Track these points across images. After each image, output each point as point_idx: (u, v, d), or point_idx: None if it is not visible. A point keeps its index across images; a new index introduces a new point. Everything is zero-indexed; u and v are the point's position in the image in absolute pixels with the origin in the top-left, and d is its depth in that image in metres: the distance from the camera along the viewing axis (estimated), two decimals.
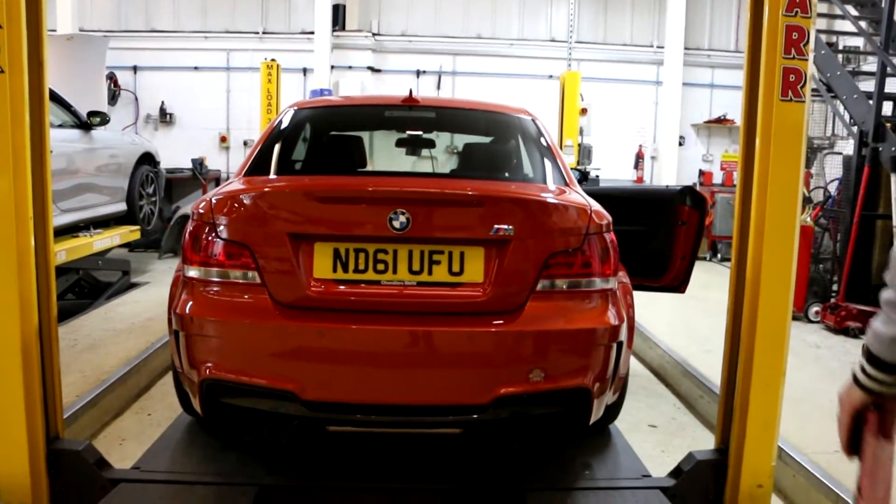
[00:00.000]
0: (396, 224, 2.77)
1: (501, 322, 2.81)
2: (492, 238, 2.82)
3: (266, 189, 3.09)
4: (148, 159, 8.20)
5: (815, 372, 5.18)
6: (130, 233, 7.63)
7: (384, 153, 5.64)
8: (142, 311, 6.46)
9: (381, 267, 2.83)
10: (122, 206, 7.63)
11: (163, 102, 12.95)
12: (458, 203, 2.88)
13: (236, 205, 2.94)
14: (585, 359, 2.89)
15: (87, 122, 6.92)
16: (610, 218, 3.11)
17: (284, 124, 3.73)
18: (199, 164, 11.94)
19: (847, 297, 6.67)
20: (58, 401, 3.20)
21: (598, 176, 10.33)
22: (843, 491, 3.18)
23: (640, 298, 5.27)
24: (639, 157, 13.19)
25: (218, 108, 13.01)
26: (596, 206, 3.09)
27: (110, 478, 3.09)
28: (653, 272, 4.39)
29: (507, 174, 3.63)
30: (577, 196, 3.15)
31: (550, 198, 3.06)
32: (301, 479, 3.16)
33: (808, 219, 6.98)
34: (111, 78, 12.29)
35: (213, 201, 2.96)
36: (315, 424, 2.91)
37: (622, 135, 13.25)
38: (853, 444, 1.74)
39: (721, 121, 13.49)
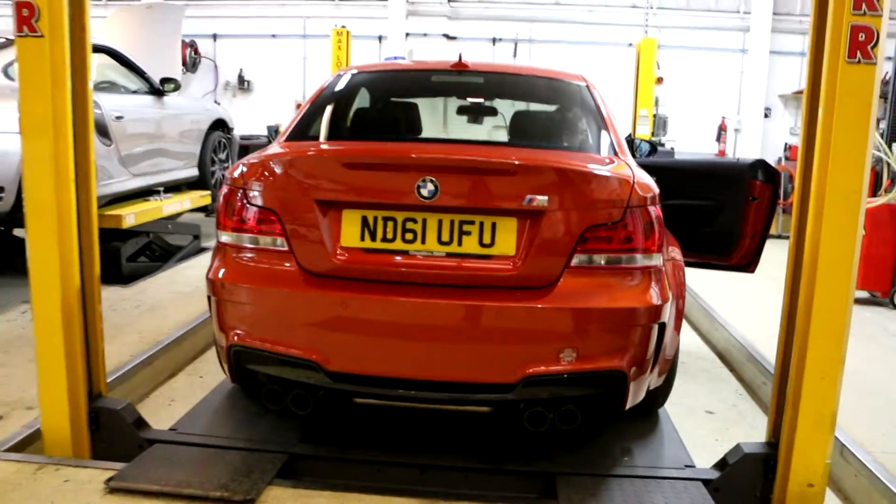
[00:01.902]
0: (424, 192, 2.67)
1: (532, 298, 2.69)
2: (525, 209, 2.70)
3: (294, 155, 3.04)
4: (221, 125, 8.33)
5: (894, 363, 4.85)
6: (201, 198, 7.75)
7: (452, 122, 5.54)
8: None
9: (409, 236, 2.75)
10: (194, 172, 7.77)
11: (241, 70, 13.16)
12: (489, 171, 2.76)
13: (266, 171, 2.90)
14: (622, 340, 2.75)
15: (160, 89, 7.06)
16: (657, 191, 2.93)
17: (330, 90, 3.68)
18: (274, 130, 12.09)
19: None
20: (100, 360, 3.28)
21: (672, 148, 9.96)
22: None
23: (712, 278, 5.07)
24: (721, 130, 12.67)
25: (294, 75, 13.13)
26: (642, 177, 2.91)
27: (147, 437, 3.17)
28: (720, 250, 4.18)
29: (553, 142, 3.48)
30: (623, 167, 2.98)
31: (590, 167, 2.90)
32: (330, 448, 3.14)
33: None
34: (192, 46, 12.55)
35: (245, 167, 2.93)
36: (340, 396, 2.87)
37: (704, 106, 12.75)
38: None
39: None
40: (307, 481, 2.88)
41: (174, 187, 7.48)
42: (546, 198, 2.69)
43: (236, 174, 2.95)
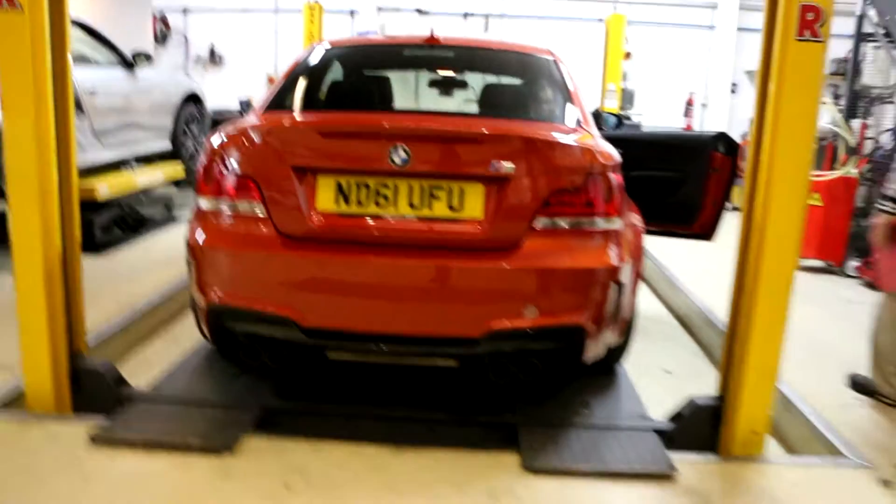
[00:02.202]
0: (396, 159, 2.82)
1: (497, 258, 2.85)
2: (491, 175, 2.85)
3: (271, 124, 3.16)
4: (193, 99, 8.36)
5: (844, 326, 5.09)
6: (174, 170, 7.80)
7: (423, 96, 5.65)
8: (180, 244, 6.55)
9: (381, 201, 2.89)
10: (167, 144, 7.82)
11: (212, 44, 13.10)
12: (458, 140, 2.91)
13: (244, 139, 3.03)
14: (582, 297, 2.92)
15: (131, 62, 7.08)
16: (617, 159, 3.10)
17: (304, 63, 3.79)
18: (246, 104, 12.09)
19: None
20: (81, 321, 3.40)
21: (639, 122, 10.14)
22: (839, 442, 3.17)
23: (674, 247, 5.25)
24: (688, 105, 12.88)
25: (266, 49, 13.12)
26: (604, 147, 3.08)
27: (127, 395, 3.30)
28: (682, 219, 4.36)
29: (520, 114, 3.62)
30: (586, 136, 3.14)
31: (553, 136, 3.05)
32: (304, 403, 3.30)
33: (854, 170, 6.76)
34: (162, 19, 12.47)
35: (223, 136, 3.05)
36: (314, 351, 3.02)
37: (672, 81, 12.94)
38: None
39: None
40: (282, 433, 3.03)
41: (147, 159, 7.53)
42: (511, 165, 2.84)
43: (215, 142, 3.07)
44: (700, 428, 3.18)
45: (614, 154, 3.09)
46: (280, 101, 3.49)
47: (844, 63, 7.75)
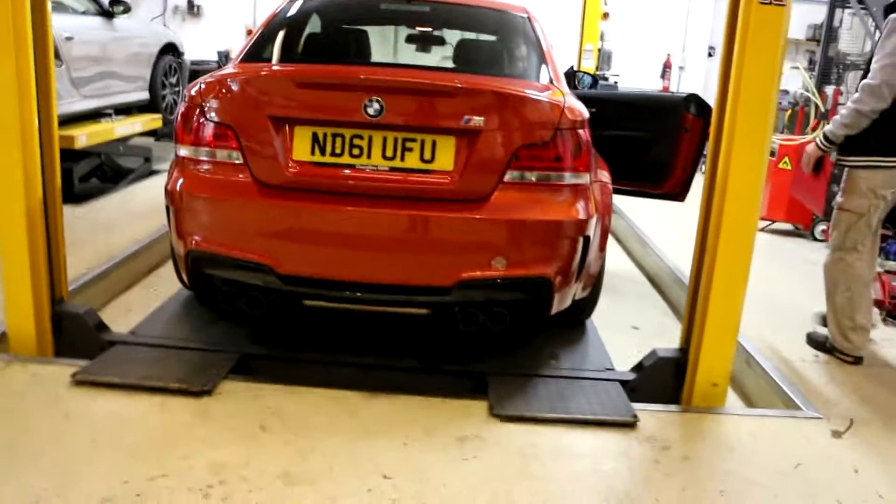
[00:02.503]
0: (370, 111, 2.88)
1: (467, 209, 2.95)
2: (462, 128, 2.93)
3: (250, 74, 3.21)
4: (171, 49, 8.28)
5: (807, 287, 5.22)
6: (152, 121, 7.77)
7: (403, 51, 5.67)
8: (159, 196, 6.51)
9: (356, 151, 2.96)
10: (145, 95, 7.77)
11: None
12: (430, 93, 2.98)
13: (223, 89, 3.07)
14: (549, 250, 3.03)
15: (109, 11, 7.01)
16: (586, 116, 3.18)
17: (282, 15, 3.82)
18: (224, 56, 11.94)
19: None
20: (62, 268, 3.46)
21: (616, 82, 10.20)
22: (796, 395, 3.32)
23: (648, 208, 5.36)
24: (666, 67, 12.94)
25: (245, 1, 12.93)
26: (573, 103, 3.15)
27: (108, 339, 3.38)
28: (653, 179, 4.44)
29: (493, 69, 3.68)
30: (556, 93, 3.22)
31: (523, 92, 3.12)
32: (281, 350, 3.39)
33: None
34: None
35: (202, 85, 3.10)
36: (291, 298, 3.11)
37: (650, 43, 12.94)
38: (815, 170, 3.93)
39: None
40: (259, 377, 3.14)
41: (125, 110, 7.49)
42: (482, 118, 2.92)
43: (194, 91, 3.11)
44: (662, 379, 3.32)
45: (583, 111, 3.17)
46: (257, 52, 3.52)
47: (819, 29, 7.82)
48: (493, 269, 2.95)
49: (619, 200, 7.23)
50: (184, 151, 3.12)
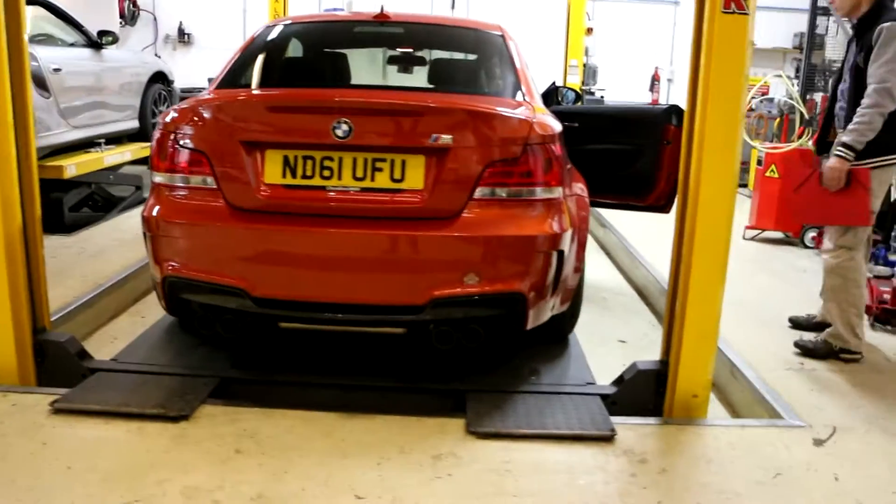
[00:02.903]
0: (339, 132, 2.91)
1: (438, 227, 2.96)
2: (431, 146, 2.95)
3: (220, 100, 3.24)
4: (161, 78, 8.36)
5: (795, 294, 5.24)
6: (142, 149, 7.82)
7: (378, 72, 5.70)
8: None
9: (326, 173, 2.99)
10: (135, 124, 7.82)
11: (181, 22, 13.02)
12: (398, 113, 3.01)
13: (195, 115, 3.11)
14: (522, 265, 3.03)
15: (97, 42, 7.09)
16: (557, 130, 3.20)
17: (258, 41, 3.86)
18: None
19: None
20: (43, 296, 3.47)
21: (602, 97, 10.23)
22: (779, 404, 3.31)
23: (637, 221, 5.35)
24: (654, 80, 12.99)
25: (235, 27, 13.02)
26: (543, 119, 3.17)
27: (89, 367, 3.39)
28: (637, 192, 4.46)
29: (465, 87, 3.72)
30: (525, 109, 3.23)
31: (491, 109, 3.14)
32: (259, 373, 3.40)
33: (810, 143, 6.89)
34: None
35: (175, 112, 3.13)
36: (266, 320, 3.12)
37: (638, 56, 12.99)
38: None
39: None
40: (237, 400, 3.14)
41: (115, 139, 7.55)
42: (450, 136, 2.94)
43: (168, 119, 3.16)
44: (643, 392, 3.30)
45: (554, 126, 3.19)
46: (233, 78, 3.56)
47: (802, 38, 7.86)
48: (465, 286, 2.96)
49: (608, 213, 7.30)
50: (159, 178, 3.16)
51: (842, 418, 3.24)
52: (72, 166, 6.34)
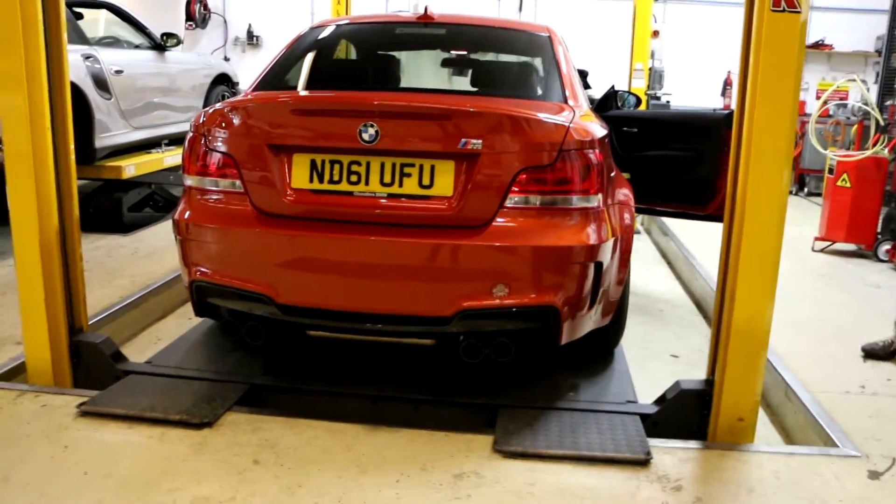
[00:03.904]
0: (366, 136, 2.82)
1: (467, 236, 2.85)
2: (461, 152, 2.84)
3: (249, 103, 3.19)
4: (225, 80, 8.46)
5: (863, 311, 4.94)
6: None
7: (426, 75, 5.63)
8: None
9: (354, 178, 2.91)
10: None
11: (250, 25, 13.17)
12: (426, 116, 2.90)
13: (223, 118, 3.07)
14: (555, 277, 2.89)
15: (161, 44, 7.21)
16: (597, 136, 3.05)
17: (299, 43, 3.82)
18: None
19: None
20: (81, 297, 3.48)
21: (668, 101, 9.93)
22: (833, 430, 3.09)
23: (700, 229, 5.14)
24: (727, 84, 12.56)
25: (302, 29, 13.12)
26: (582, 123, 3.03)
27: (123, 369, 3.39)
28: (698, 200, 4.29)
29: (505, 90, 3.58)
30: (564, 112, 3.09)
31: (522, 113, 3.00)
32: (290, 380, 3.34)
33: (885, 151, 6.53)
34: (201, 1, 12.61)
35: (206, 115, 3.10)
36: (293, 328, 3.06)
37: (709, 60, 12.57)
38: None
39: (818, 46, 12.32)
40: (263, 408, 3.09)
41: (177, 140, 7.66)
42: (480, 141, 2.82)
43: (199, 121, 3.12)
44: (686, 413, 3.12)
45: (594, 130, 3.04)
46: (271, 80, 3.52)
47: (879, 41, 7.45)
48: (495, 298, 2.83)
49: (670, 221, 7.06)
50: (190, 181, 3.13)
51: None
52: (131, 166, 6.44)
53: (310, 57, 3.81)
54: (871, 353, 4.02)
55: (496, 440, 2.82)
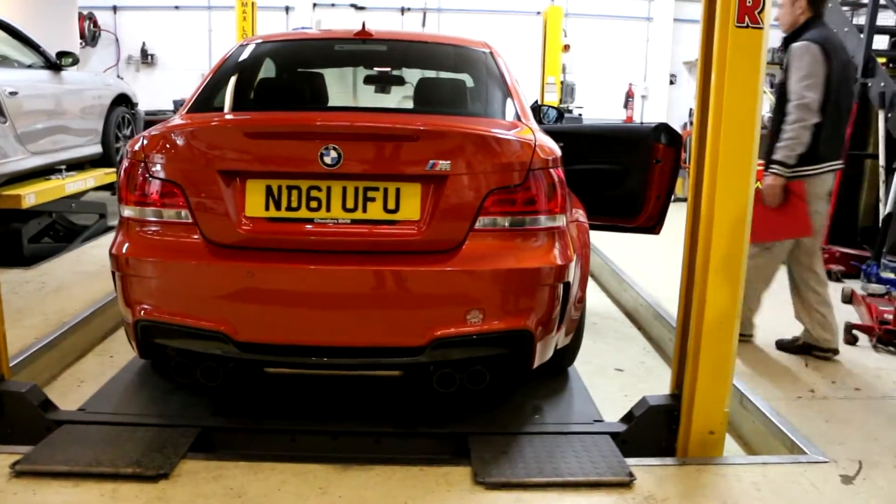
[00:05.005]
0: (327, 160, 2.68)
1: (437, 261, 2.74)
2: (428, 174, 2.73)
3: (196, 126, 2.99)
4: (124, 100, 8.05)
5: (786, 313, 5.07)
6: (106, 175, 7.50)
7: (362, 93, 5.50)
8: None
9: (314, 205, 2.75)
10: (98, 149, 7.50)
11: (144, 43, 12.71)
12: (391, 138, 2.78)
13: (167, 142, 2.86)
14: (528, 299, 2.82)
15: (56, 63, 6.76)
16: (558, 153, 3.00)
17: (232, 60, 3.62)
18: (180, 105, 11.70)
19: (831, 240, 6.52)
20: (1, 344, 3.17)
21: (580, 114, 10.13)
22: (798, 438, 3.12)
23: (623, 241, 5.19)
24: (628, 97, 12.96)
25: (200, 48, 12.75)
26: (544, 141, 2.98)
27: (54, 419, 3.09)
28: (626, 213, 4.29)
29: (456, 109, 3.50)
30: (525, 131, 3.03)
31: (491, 132, 2.93)
32: (243, 420, 3.13)
33: None
34: (90, 18, 12.04)
35: (146, 139, 2.89)
36: (251, 366, 2.87)
37: (611, 73, 13.00)
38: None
39: None
40: (221, 453, 2.88)
41: (77, 165, 7.22)
42: (448, 163, 2.73)
43: (137, 147, 2.90)
44: (655, 429, 3.10)
45: (555, 148, 2.99)
46: (205, 100, 3.32)
47: (781, 53, 7.77)
48: (468, 325, 2.73)
49: (591, 235, 7.11)
50: (128, 212, 2.89)
51: (865, 451, 3.06)
52: (31, 195, 6.00)
53: (245, 76, 3.62)
54: (782, 346, 4.34)
55: (476, 471, 2.71)
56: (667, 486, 2.72)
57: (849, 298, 5.32)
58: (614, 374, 4.40)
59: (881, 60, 6.68)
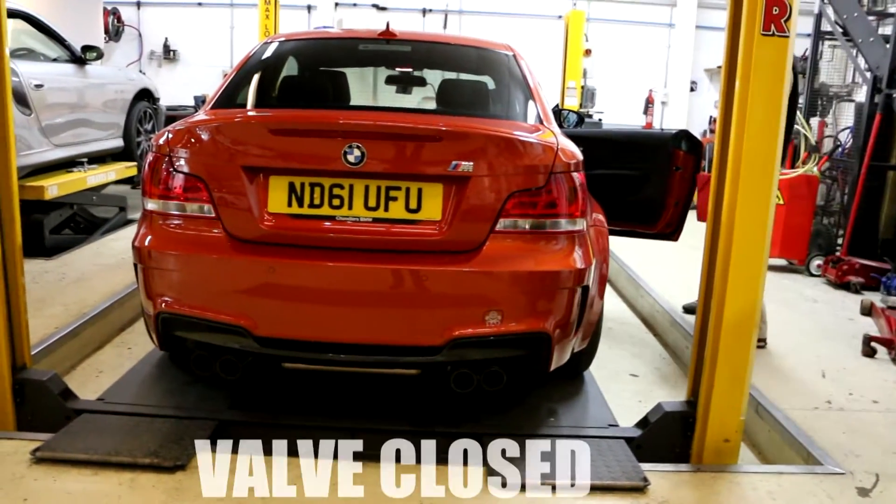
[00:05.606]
0: (351, 158, 2.69)
1: (457, 262, 2.75)
2: (450, 174, 2.74)
3: (221, 121, 3.02)
4: (146, 95, 8.12)
5: (807, 327, 5.07)
6: (127, 169, 7.57)
7: (382, 93, 5.51)
8: None
9: (336, 202, 2.77)
10: (119, 143, 7.57)
11: (166, 39, 12.81)
12: (415, 138, 2.80)
13: (192, 138, 2.89)
14: (546, 302, 2.83)
15: (81, 57, 6.83)
16: (580, 157, 3.00)
17: (256, 58, 3.64)
18: (201, 101, 11.80)
19: (850, 251, 6.48)
20: (24, 332, 3.21)
21: (600, 119, 10.11)
22: (814, 448, 3.11)
23: (639, 247, 5.19)
24: (648, 103, 12.93)
25: (222, 45, 12.83)
26: (566, 145, 2.98)
27: (74, 408, 3.13)
28: (645, 219, 4.30)
29: (479, 110, 3.51)
30: (548, 134, 3.04)
31: (514, 134, 2.94)
32: (260, 414, 3.16)
33: (815, 169, 6.76)
34: (114, 13, 12.15)
35: (171, 134, 2.91)
36: (269, 361, 2.89)
37: (632, 78, 12.98)
38: None
39: None
40: (237, 445, 2.87)
41: (99, 158, 7.28)
42: (471, 164, 2.74)
43: (162, 141, 2.93)
44: (669, 435, 3.10)
45: (577, 152, 3.00)
46: (229, 97, 3.34)
47: (803, 62, 7.74)
48: (487, 326, 2.74)
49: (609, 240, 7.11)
50: (151, 205, 2.92)
51: (882, 464, 3.04)
52: (53, 187, 6.06)
53: (269, 73, 3.64)
54: (689, 310, 4.34)
55: (490, 472, 2.71)
56: (681, 492, 2.72)
57: (868, 311, 5.27)
58: (630, 379, 4.40)
59: None
